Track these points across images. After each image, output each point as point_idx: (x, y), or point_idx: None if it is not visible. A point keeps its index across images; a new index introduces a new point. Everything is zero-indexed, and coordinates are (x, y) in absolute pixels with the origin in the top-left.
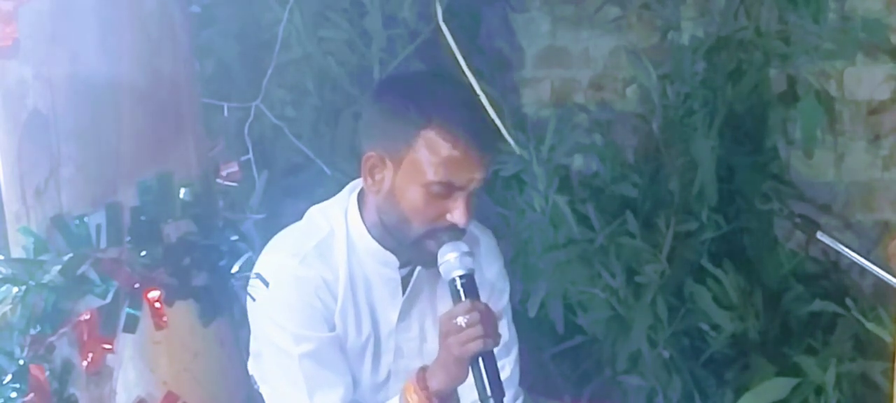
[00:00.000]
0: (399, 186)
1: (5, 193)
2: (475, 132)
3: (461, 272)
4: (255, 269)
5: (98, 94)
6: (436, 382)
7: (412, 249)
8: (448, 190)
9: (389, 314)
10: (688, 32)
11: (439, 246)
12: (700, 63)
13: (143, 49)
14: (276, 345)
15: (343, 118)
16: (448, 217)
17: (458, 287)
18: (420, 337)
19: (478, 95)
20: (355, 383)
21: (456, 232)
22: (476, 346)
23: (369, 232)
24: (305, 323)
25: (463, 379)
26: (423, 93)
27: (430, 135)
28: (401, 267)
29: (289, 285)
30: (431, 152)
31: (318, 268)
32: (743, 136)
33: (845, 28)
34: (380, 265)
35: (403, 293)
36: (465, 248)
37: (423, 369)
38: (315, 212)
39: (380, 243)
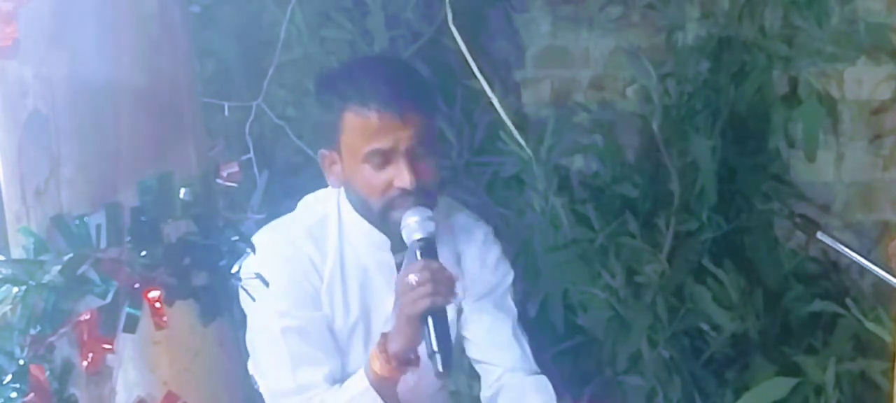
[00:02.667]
0: (347, 172)
1: (5, 193)
2: (386, 96)
3: (420, 235)
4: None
5: (98, 94)
6: (394, 344)
7: (387, 227)
8: (385, 157)
9: (386, 299)
10: (692, 33)
11: (404, 216)
12: (704, 63)
13: (143, 49)
14: (261, 321)
15: None
16: (396, 183)
17: (417, 249)
18: None
19: (485, 91)
20: (346, 364)
21: (417, 198)
22: (425, 303)
23: (360, 214)
24: (290, 301)
25: (417, 340)
26: (337, 79)
27: (350, 115)
28: (395, 252)
29: (275, 264)
30: (355, 129)
31: (305, 248)
32: (744, 137)
33: (849, 31)
34: (375, 249)
35: None
36: (427, 213)
37: (385, 334)
38: (310, 198)
39: (371, 224)
